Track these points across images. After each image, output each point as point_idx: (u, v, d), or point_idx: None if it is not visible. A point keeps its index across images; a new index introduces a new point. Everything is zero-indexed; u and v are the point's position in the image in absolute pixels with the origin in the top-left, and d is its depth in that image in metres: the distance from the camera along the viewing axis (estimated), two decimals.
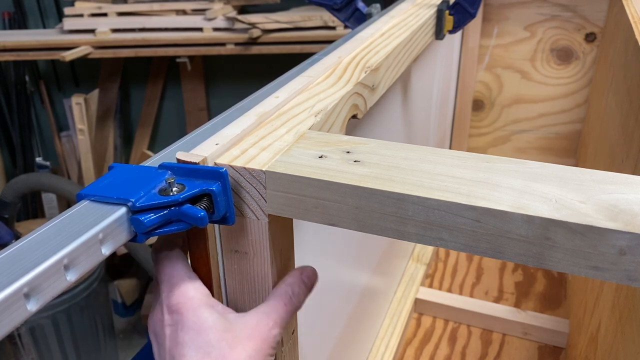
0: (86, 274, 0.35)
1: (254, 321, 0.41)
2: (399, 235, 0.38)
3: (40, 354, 1.78)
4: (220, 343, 0.38)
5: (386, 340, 1.01)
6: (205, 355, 0.38)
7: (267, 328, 0.41)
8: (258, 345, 0.40)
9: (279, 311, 0.42)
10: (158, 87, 2.58)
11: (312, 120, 0.48)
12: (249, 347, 0.39)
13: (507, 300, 1.19)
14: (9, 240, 1.78)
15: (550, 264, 0.34)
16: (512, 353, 1.06)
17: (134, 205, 0.36)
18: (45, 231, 0.34)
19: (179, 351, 0.38)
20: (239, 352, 0.39)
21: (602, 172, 0.37)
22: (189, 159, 0.40)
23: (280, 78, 0.59)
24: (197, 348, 0.38)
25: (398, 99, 0.87)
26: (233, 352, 0.38)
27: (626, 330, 0.59)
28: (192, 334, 0.39)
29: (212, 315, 0.40)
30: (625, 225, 0.32)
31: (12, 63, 2.53)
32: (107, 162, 2.53)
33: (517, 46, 1.37)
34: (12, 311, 0.29)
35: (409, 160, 0.40)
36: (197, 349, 0.38)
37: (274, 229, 0.43)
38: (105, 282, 2.01)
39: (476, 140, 1.50)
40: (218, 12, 2.09)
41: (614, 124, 0.89)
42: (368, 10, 0.89)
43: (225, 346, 0.38)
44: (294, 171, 0.39)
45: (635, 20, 0.86)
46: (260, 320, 0.41)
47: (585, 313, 0.89)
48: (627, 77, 0.82)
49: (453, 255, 1.33)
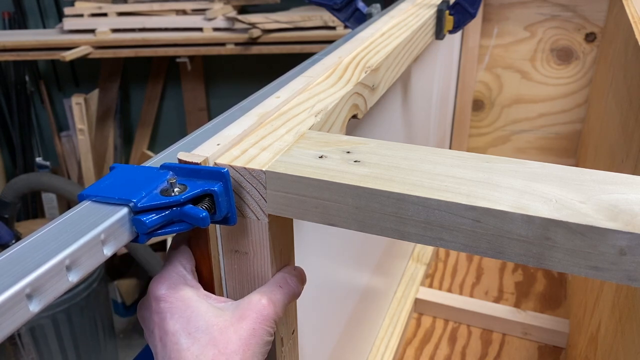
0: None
1: (248, 302, 0.41)
2: (399, 235, 0.38)
3: (40, 354, 1.78)
4: (210, 328, 0.38)
5: (386, 340, 1.01)
6: (196, 340, 0.38)
7: (260, 306, 0.40)
8: (251, 325, 0.39)
9: (274, 291, 0.42)
10: (158, 87, 2.58)
11: (312, 120, 0.48)
12: (242, 328, 0.39)
13: (507, 300, 1.19)
14: (9, 241, 1.78)
15: (550, 264, 0.34)
16: (512, 353, 1.06)
17: (136, 206, 0.36)
18: (47, 232, 0.34)
19: (170, 339, 0.39)
20: (230, 335, 0.38)
21: (602, 172, 0.37)
22: (191, 159, 0.40)
23: (280, 78, 0.59)
24: (187, 334, 0.38)
25: (398, 99, 0.87)
26: (224, 335, 0.38)
27: (626, 330, 0.59)
28: (182, 321, 0.39)
29: (201, 303, 0.40)
30: (625, 225, 0.32)
31: (12, 63, 2.53)
32: (107, 162, 2.53)
33: (517, 46, 1.37)
34: (14, 312, 0.29)
35: (409, 160, 0.40)
36: (188, 335, 0.38)
37: (274, 229, 0.44)
38: (105, 282, 2.01)
39: (476, 140, 1.50)
40: (218, 12, 2.09)
41: (614, 124, 0.89)
42: (368, 10, 0.89)
43: (216, 330, 0.38)
44: (294, 171, 0.39)
45: (635, 20, 0.86)
46: (254, 299, 0.41)
47: (585, 313, 0.89)
48: (627, 77, 0.82)
49: (453, 255, 1.33)
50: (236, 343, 0.38)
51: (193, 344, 0.38)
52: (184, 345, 0.38)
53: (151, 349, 0.41)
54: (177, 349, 0.38)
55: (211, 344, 0.38)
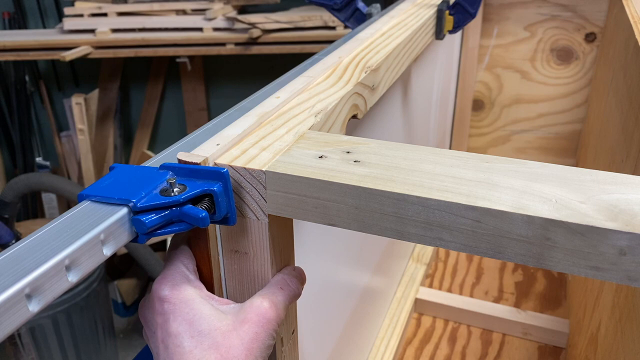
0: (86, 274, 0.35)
1: (250, 305, 0.41)
2: (399, 235, 0.38)
3: (40, 354, 1.78)
4: (213, 332, 0.38)
5: (386, 340, 1.01)
6: (198, 344, 0.38)
7: (263, 310, 0.40)
8: (254, 329, 0.39)
9: (276, 294, 0.42)
10: (158, 87, 2.58)
11: (312, 120, 0.48)
12: (245, 333, 0.39)
13: (507, 300, 1.19)
14: (9, 241, 1.78)
15: (550, 264, 0.34)
16: (512, 353, 1.06)
17: (136, 206, 0.36)
18: (47, 232, 0.34)
19: (173, 341, 0.38)
20: (233, 340, 0.38)
21: (602, 172, 0.37)
22: (190, 160, 0.40)
23: (280, 78, 0.59)
24: (190, 338, 0.38)
25: (398, 99, 0.87)
26: (227, 340, 0.38)
27: (626, 330, 0.59)
28: (185, 324, 0.39)
29: (204, 306, 0.40)
30: (625, 225, 0.32)
31: (12, 63, 2.53)
32: (107, 162, 2.53)
33: (517, 46, 1.37)
34: (13, 312, 0.29)
35: (409, 160, 0.40)
36: (191, 339, 0.38)
37: (274, 229, 0.44)
38: (105, 282, 2.01)
39: (476, 140, 1.50)
40: (218, 12, 2.09)
41: (614, 124, 0.89)
42: (368, 10, 0.89)
43: (219, 335, 0.38)
44: (294, 171, 0.39)
45: (635, 20, 0.86)
46: (256, 303, 0.41)
47: (585, 313, 0.89)
48: (627, 77, 0.82)
49: (453, 255, 1.33)
50: (239, 348, 0.38)
51: (196, 347, 0.38)
52: (186, 348, 0.38)
53: (151, 350, 0.41)
54: (180, 351, 0.38)
55: (213, 347, 0.38)
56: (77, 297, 1.81)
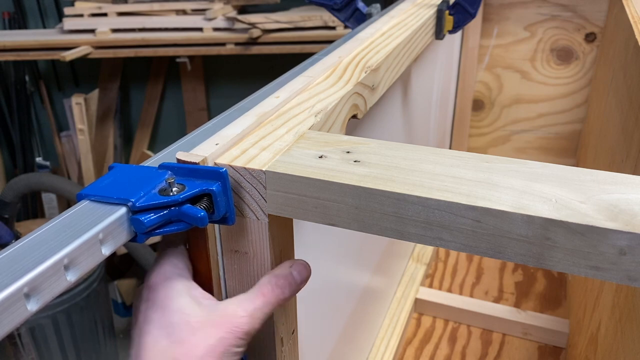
0: (86, 273, 0.35)
1: (224, 309, 0.40)
2: (399, 235, 0.38)
3: (40, 354, 1.78)
4: (182, 326, 0.38)
5: (386, 340, 1.01)
6: (166, 336, 0.38)
7: (236, 317, 0.40)
8: (221, 334, 0.39)
9: (255, 301, 0.41)
10: (158, 87, 2.58)
11: (312, 120, 0.48)
12: (211, 335, 0.38)
13: (507, 300, 1.19)
14: (9, 240, 1.78)
15: (550, 264, 0.34)
16: (512, 353, 1.06)
17: (134, 205, 0.36)
18: (46, 231, 0.34)
19: (146, 327, 0.39)
20: (198, 339, 0.38)
21: (602, 172, 0.37)
22: (189, 159, 0.40)
23: (280, 78, 0.59)
24: (160, 327, 0.38)
25: (398, 99, 0.87)
26: (192, 337, 0.38)
27: (626, 330, 0.59)
28: (159, 313, 0.39)
29: (182, 297, 0.40)
30: (625, 225, 0.32)
31: (12, 63, 2.53)
32: (107, 162, 2.53)
33: (517, 46, 1.37)
34: (12, 311, 0.29)
35: (409, 160, 0.40)
36: (160, 329, 0.38)
37: (274, 229, 0.43)
38: (105, 282, 2.01)
39: (476, 140, 1.50)
40: (218, 12, 2.09)
41: (614, 124, 0.89)
42: (368, 10, 0.89)
43: (187, 330, 0.38)
44: (294, 171, 0.39)
45: (635, 20, 0.86)
46: (230, 309, 0.40)
47: (585, 313, 0.89)
48: (627, 77, 0.82)
49: (453, 255, 1.33)
50: (203, 349, 0.38)
51: (164, 337, 0.38)
52: (155, 337, 0.38)
53: (133, 337, 0.41)
54: (149, 340, 0.38)
55: (179, 342, 0.38)
56: (77, 297, 1.81)
